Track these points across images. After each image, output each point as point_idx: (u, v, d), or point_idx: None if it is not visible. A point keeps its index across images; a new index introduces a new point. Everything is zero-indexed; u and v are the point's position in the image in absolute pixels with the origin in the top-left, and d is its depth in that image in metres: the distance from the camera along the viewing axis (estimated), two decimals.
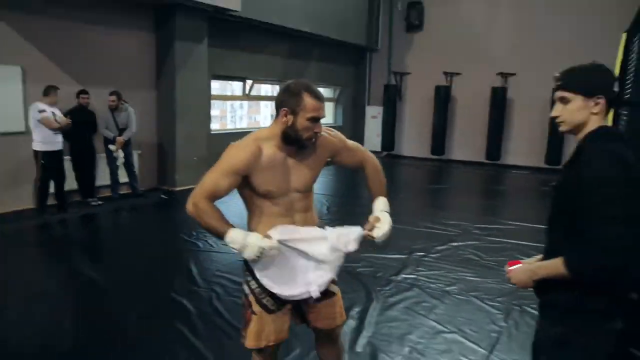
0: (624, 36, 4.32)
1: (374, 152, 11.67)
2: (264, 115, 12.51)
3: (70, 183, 7.04)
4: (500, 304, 4.02)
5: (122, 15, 7.76)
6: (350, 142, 2.34)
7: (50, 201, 6.58)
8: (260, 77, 10.69)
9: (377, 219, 2.19)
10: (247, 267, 2.20)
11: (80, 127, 6.84)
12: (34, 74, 6.64)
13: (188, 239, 5.67)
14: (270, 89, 12.06)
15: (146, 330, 3.52)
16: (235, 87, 11.19)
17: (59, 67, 6.96)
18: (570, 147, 11.17)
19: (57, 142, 6.37)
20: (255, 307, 2.18)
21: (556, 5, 11.39)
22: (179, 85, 8.30)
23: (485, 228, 6.35)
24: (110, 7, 7.55)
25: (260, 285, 2.15)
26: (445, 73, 12.54)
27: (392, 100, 13.22)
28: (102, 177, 7.58)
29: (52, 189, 6.56)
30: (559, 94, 1.69)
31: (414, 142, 13.56)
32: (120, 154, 7.30)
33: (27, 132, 6.43)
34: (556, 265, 1.60)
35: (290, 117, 2.03)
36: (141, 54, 8.19)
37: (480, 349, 3.28)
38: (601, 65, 1.68)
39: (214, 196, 2.07)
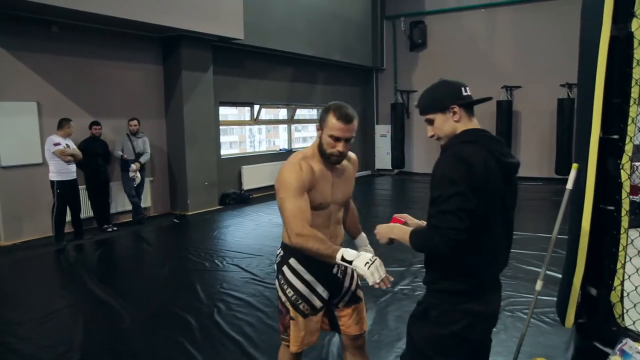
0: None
1: (385, 170, 11.93)
2: (283, 139, 12.83)
3: (87, 211, 7.39)
4: None
5: (130, 49, 8.16)
6: None
7: (68, 229, 6.88)
8: (267, 102, 10.99)
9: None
10: (284, 276, 2.36)
11: (93, 156, 7.20)
12: (48, 108, 7.04)
13: (196, 260, 5.90)
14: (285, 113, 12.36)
15: (148, 341, 3.73)
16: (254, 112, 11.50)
17: (72, 101, 7.35)
18: None
19: (71, 172, 6.70)
20: (293, 313, 2.34)
21: (557, 14, 11.53)
22: (187, 113, 8.63)
23: None
24: (119, 43, 7.95)
25: (297, 292, 2.32)
26: None
27: (400, 118, 13.41)
28: (120, 204, 7.98)
29: (69, 217, 6.88)
30: (424, 118, 1.94)
31: (423, 158, 13.67)
32: (138, 175, 7.73)
33: (43, 164, 6.78)
34: (406, 235, 1.86)
35: (320, 132, 2.26)
36: (150, 84, 8.56)
37: None
38: (444, 80, 1.93)
39: (307, 218, 2.16)
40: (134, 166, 7.64)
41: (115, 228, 7.51)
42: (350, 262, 2.01)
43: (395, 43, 13.76)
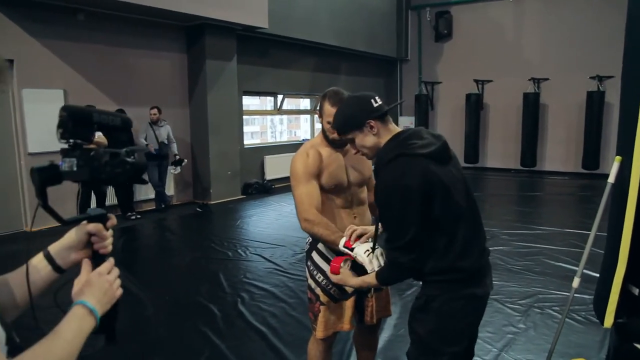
0: None
1: None
2: (304, 129, 12.79)
3: (111, 199, 7.46)
4: (521, 306, 4.03)
5: (155, 37, 8.16)
6: None
7: None
8: (290, 92, 10.94)
9: None
10: (313, 262, 2.37)
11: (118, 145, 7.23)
12: (75, 96, 7.08)
13: (219, 249, 5.89)
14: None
15: (172, 330, 3.73)
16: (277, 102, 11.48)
17: (97, 88, 7.39)
18: (608, 150, 10.89)
19: None
20: (324, 298, 2.35)
21: (586, 4, 11.23)
22: (210, 102, 8.62)
23: (514, 234, 6.32)
24: (144, 31, 7.97)
25: (327, 276, 2.28)
26: (476, 81, 12.49)
27: (423, 109, 13.25)
28: (143, 192, 8.04)
29: (93, 204, 6.94)
30: (344, 138, 1.95)
31: None
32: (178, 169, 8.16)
33: None
34: (371, 279, 1.92)
35: (320, 120, 2.35)
36: (174, 73, 8.57)
37: (493, 349, 3.32)
38: (352, 96, 1.97)
39: (315, 204, 2.23)
40: (173, 169, 8.04)
41: (138, 216, 7.56)
42: (351, 250, 2.03)
43: (421, 33, 13.56)
